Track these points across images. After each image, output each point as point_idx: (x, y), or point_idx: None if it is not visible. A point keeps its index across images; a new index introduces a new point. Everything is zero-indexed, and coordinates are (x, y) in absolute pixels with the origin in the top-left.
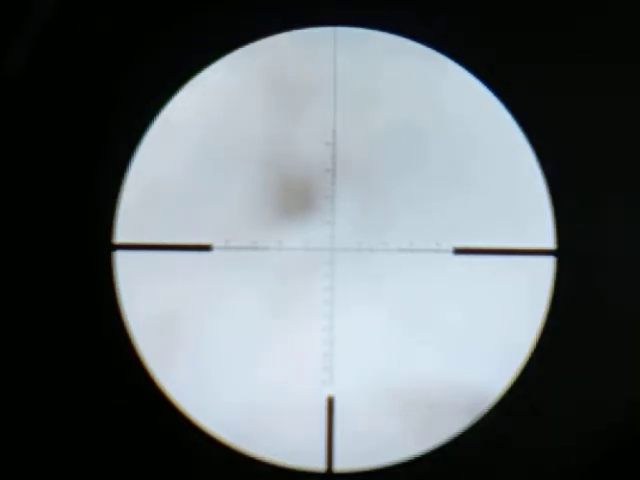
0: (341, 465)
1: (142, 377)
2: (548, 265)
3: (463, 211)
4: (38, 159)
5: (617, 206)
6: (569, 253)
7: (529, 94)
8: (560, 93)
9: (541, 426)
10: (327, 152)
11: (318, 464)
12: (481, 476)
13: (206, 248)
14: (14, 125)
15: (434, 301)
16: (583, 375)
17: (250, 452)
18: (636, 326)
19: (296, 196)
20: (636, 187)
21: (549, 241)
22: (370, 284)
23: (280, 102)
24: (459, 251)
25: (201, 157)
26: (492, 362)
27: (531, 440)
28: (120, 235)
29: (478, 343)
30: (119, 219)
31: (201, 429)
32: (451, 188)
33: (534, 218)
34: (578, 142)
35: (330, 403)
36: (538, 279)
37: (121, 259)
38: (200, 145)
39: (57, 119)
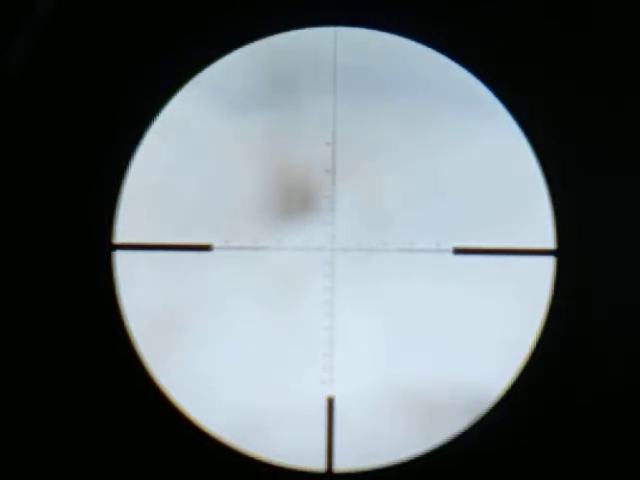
0: (341, 465)
1: (142, 377)
2: (548, 265)
3: (463, 211)
4: (38, 159)
5: (617, 206)
6: (569, 253)
7: (529, 94)
8: (560, 93)
9: (541, 426)
10: (327, 152)
11: (318, 464)
12: (481, 476)
13: (206, 248)
14: (14, 125)
15: (434, 301)
16: (583, 375)
17: (250, 452)
18: (636, 326)
19: (296, 196)
20: (636, 186)
21: (549, 241)
22: (370, 284)
23: (280, 102)
24: (459, 251)
25: (201, 157)
26: (492, 362)
27: (531, 440)
28: (120, 235)
29: (478, 343)
30: (119, 219)
31: (201, 429)
32: (451, 188)
33: (534, 218)
34: (578, 142)
35: (330, 403)
36: (538, 279)
37: (121, 259)
38: (200, 145)
39: (57, 119)
